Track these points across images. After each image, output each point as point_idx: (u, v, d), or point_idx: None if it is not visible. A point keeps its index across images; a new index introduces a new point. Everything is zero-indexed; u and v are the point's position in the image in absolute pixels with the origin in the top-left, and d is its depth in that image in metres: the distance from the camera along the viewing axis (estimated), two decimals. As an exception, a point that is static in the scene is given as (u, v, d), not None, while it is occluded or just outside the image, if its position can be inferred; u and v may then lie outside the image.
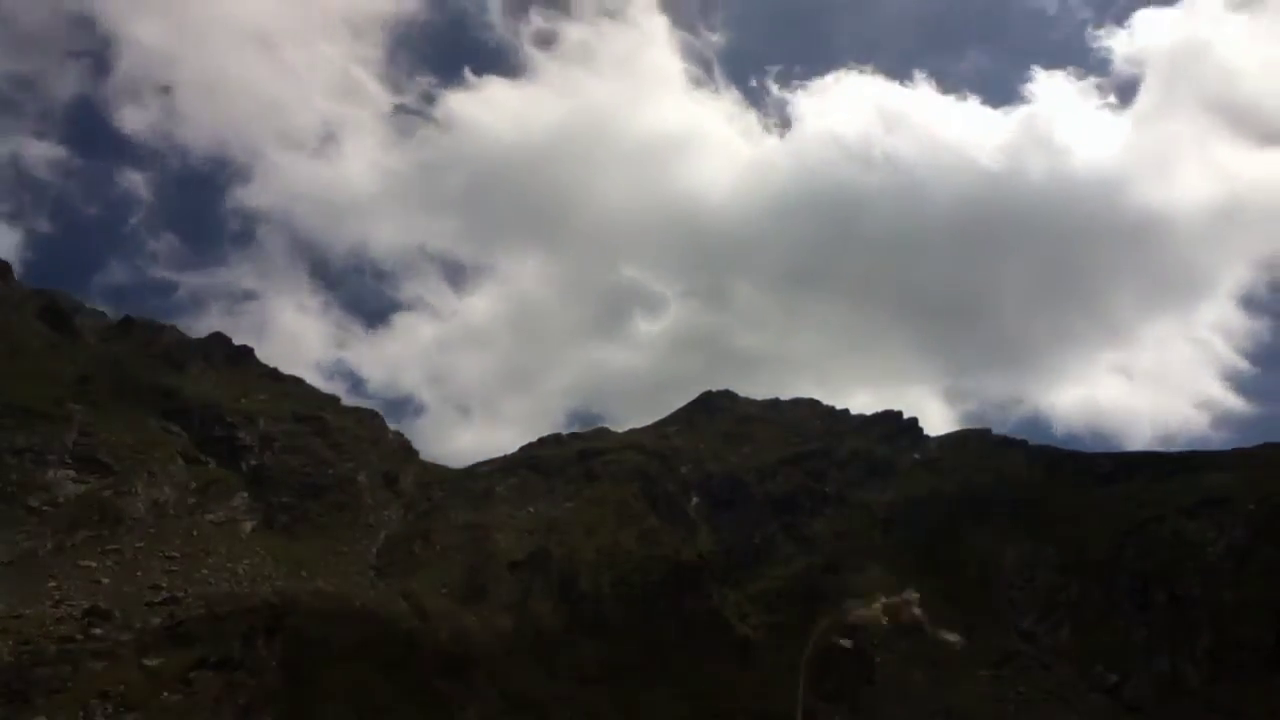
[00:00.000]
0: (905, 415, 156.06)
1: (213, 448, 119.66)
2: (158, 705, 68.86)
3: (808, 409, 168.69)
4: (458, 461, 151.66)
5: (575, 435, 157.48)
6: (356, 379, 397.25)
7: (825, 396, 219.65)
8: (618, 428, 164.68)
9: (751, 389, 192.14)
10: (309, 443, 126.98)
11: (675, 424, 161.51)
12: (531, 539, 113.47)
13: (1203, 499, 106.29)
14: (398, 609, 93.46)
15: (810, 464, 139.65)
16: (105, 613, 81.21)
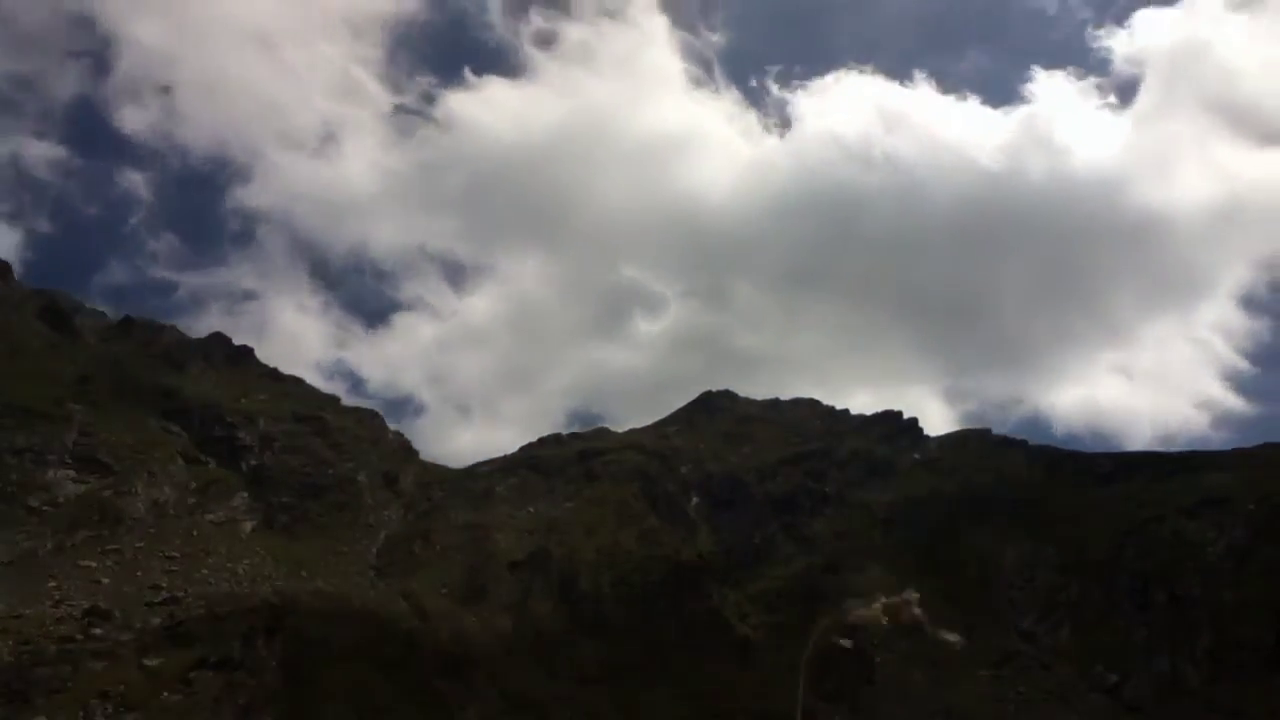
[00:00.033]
0: (905, 415, 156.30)
1: (213, 448, 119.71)
2: (158, 705, 68.88)
3: (808, 409, 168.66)
4: (458, 462, 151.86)
5: (575, 435, 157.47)
6: (356, 379, 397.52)
7: (825, 396, 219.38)
8: (618, 428, 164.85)
9: (751, 389, 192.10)
10: (309, 443, 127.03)
11: (675, 424, 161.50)
12: (531, 539, 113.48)
13: (1203, 499, 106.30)
14: (398, 609, 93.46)
15: (810, 464, 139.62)
16: (105, 613, 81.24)
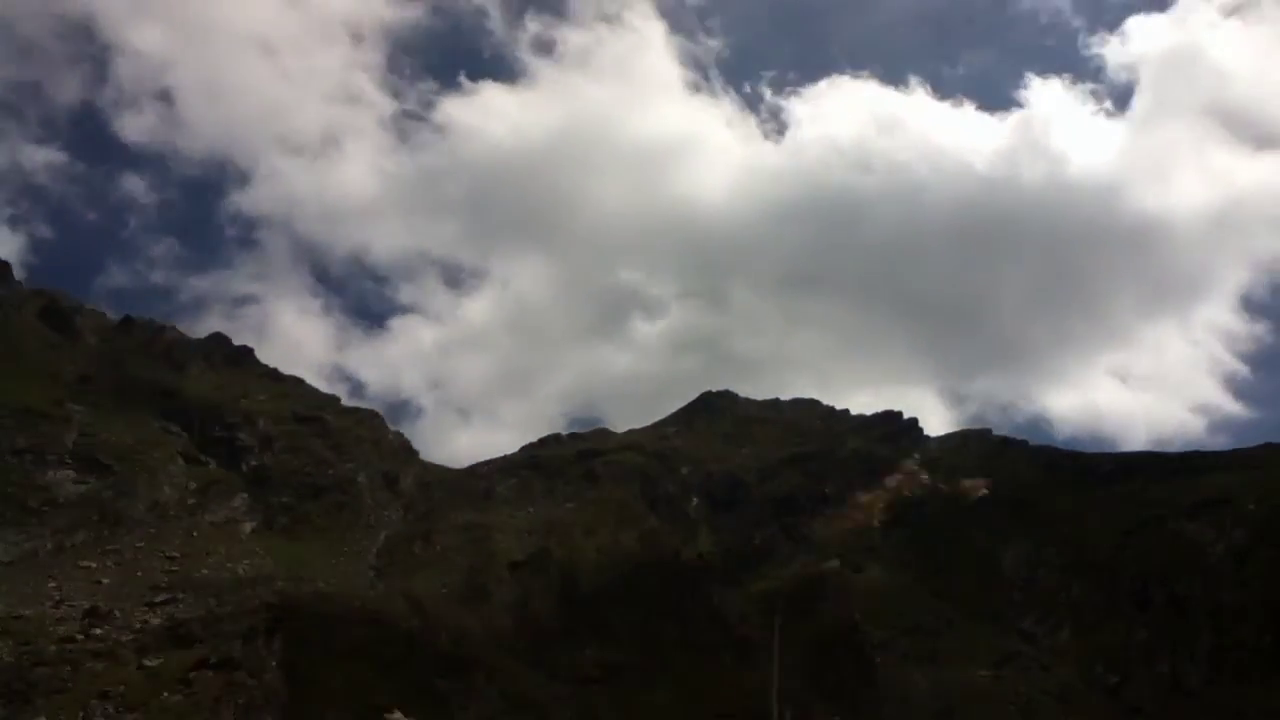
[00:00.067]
0: (905, 415, 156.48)
1: (213, 448, 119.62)
2: (158, 705, 68.68)
3: (808, 409, 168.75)
4: (457, 464, 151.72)
5: (575, 436, 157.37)
6: (356, 383, 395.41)
7: (825, 397, 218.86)
8: (617, 429, 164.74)
9: (751, 391, 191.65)
10: (309, 443, 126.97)
11: (675, 424, 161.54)
12: (531, 539, 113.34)
13: (1203, 500, 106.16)
14: (398, 609, 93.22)
15: (810, 464, 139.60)
16: (105, 613, 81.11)
